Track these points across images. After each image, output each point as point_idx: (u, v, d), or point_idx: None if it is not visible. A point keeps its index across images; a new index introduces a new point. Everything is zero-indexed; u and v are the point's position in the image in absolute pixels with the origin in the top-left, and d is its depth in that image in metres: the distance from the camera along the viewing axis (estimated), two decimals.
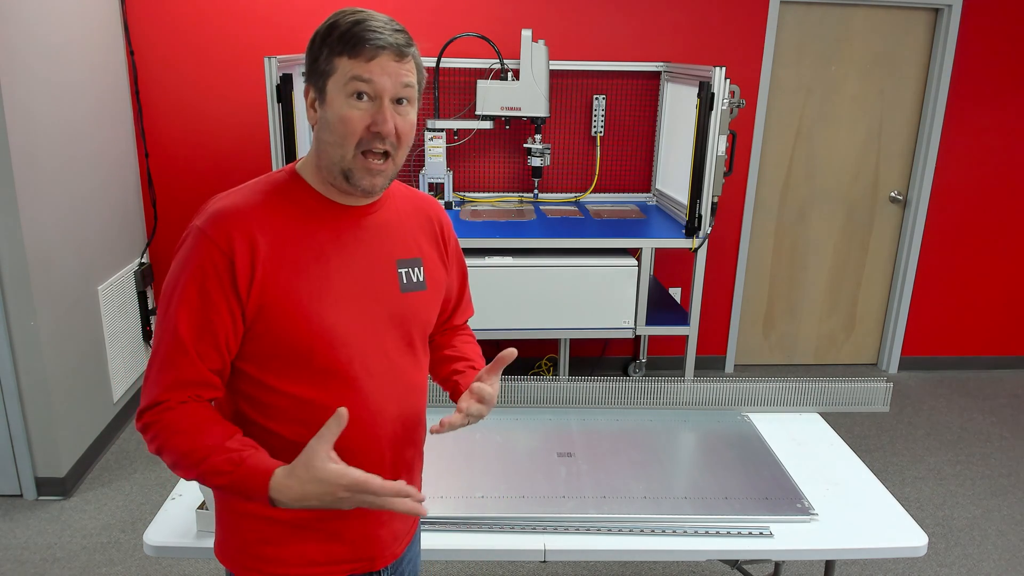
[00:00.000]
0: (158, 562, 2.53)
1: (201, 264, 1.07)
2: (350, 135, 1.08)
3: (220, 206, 1.11)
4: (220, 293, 1.07)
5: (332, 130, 1.09)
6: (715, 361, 4.20)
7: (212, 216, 1.09)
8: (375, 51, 1.06)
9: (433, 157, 3.44)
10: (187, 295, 1.08)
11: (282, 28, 3.45)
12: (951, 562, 2.67)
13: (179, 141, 3.57)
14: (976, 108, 3.87)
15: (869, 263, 4.16)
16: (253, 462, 1.04)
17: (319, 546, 1.19)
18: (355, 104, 1.08)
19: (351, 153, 1.09)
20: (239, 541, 1.21)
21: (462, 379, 1.32)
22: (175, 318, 1.08)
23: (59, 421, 2.83)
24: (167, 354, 1.08)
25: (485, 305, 3.04)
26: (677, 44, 3.66)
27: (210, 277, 1.07)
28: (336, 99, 1.08)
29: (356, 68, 1.07)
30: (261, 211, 1.11)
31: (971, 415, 3.77)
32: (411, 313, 1.22)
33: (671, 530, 1.61)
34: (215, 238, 1.07)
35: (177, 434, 1.07)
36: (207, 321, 1.08)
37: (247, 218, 1.10)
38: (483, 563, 2.58)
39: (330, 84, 1.08)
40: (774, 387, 2.13)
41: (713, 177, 3.01)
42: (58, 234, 2.83)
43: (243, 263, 1.07)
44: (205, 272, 1.07)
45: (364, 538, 1.23)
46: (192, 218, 1.13)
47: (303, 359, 1.12)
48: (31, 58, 2.65)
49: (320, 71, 1.09)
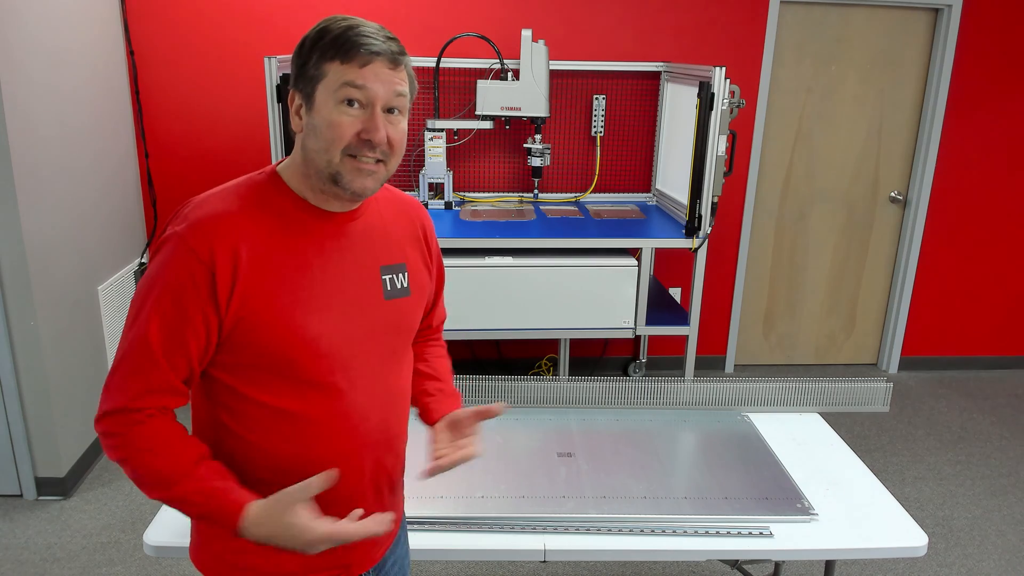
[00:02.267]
0: (158, 562, 2.53)
1: (178, 274, 1.04)
2: (338, 140, 1.05)
3: (201, 213, 1.06)
4: (196, 305, 1.04)
5: (320, 136, 1.06)
6: (715, 361, 4.20)
7: (193, 224, 1.05)
8: (369, 57, 1.04)
9: (433, 157, 3.44)
10: (161, 305, 1.04)
11: (282, 28, 3.45)
12: (951, 562, 2.67)
13: (179, 141, 3.57)
14: (976, 108, 3.87)
15: (869, 263, 4.16)
16: (225, 497, 1.04)
17: (294, 556, 1.13)
18: (345, 110, 1.05)
19: (338, 158, 1.06)
20: (215, 549, 1.19)
21: (432, 403, 1.33)
22: (146, 326, 1.04)
23: (59, 421, 2.83)
24: (136, 361, 1.05)
25: (485, 305, 3.04)
26: (677, 44, 3.66)
27: (187, 288, 1.03)
28: (325, 105, 1.05)
29: (348, 74, 1.04)
30: (242, 218, 1.07)
31: (971, 415, 3.77)
32: (395, 320, 1.20)
33: (671, 530, 1.61)
34: (195, 248, 1.03)
35: (145, 452, 1.05)
36: (180, 332, 1.04)
37: (229, 226, 1.06)
38: (483, 563, 2.58)
39: (319, 89, 1.05)
40: (774, 387, 2.13)
41: (713, 177, 3.01)
42: (58, 234, 2.83)
43: (223, 274, 1.04)
44: (182, 282, 1.03)
45: (340, 547, 1.17)
46: (173, 220, 1.09)
47: (284, 370, 1.10)
48: (31, 59, 2.65)
49: (308, 76, 1.06)
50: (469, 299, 3.01)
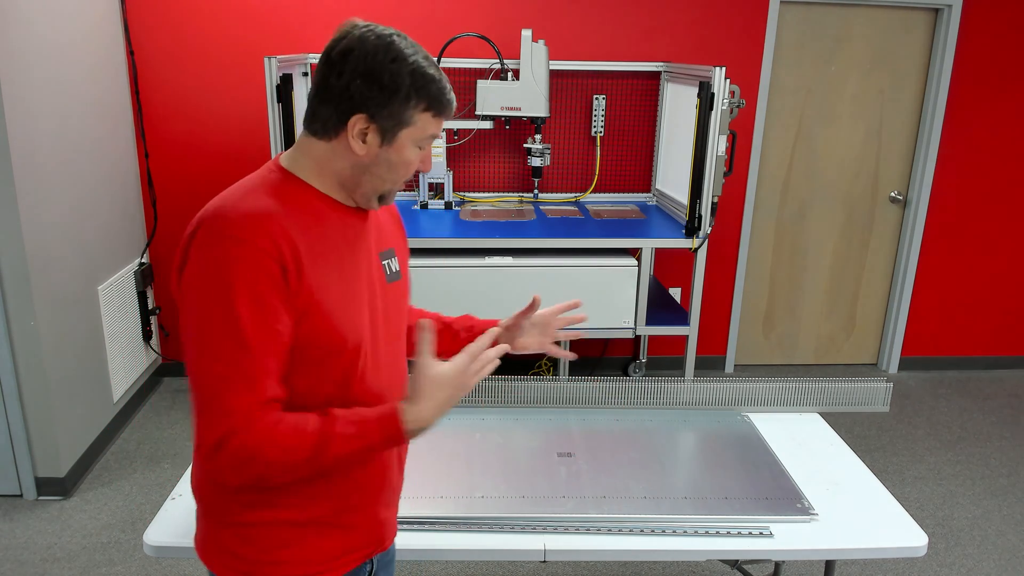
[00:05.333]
0: (158, 562, 2.53)
1: (251, 272, 1.01)
2: (406, 175, 1.15)
3: (245, 210, 1.04)
4: (278, 298, 1.03)
5: (392, 170, 1.13)
6: (715, 361, 4.20)
7: (243, 220, 1.03)
8: (451, 114, 1.14)
9: (433, 157, 3.44)
10: (247, 307, 1.01)
11: (282, 28, 3.44)
12: (951, 562, 2.67)
13: (179, 141, 3.57)
14: (976, 108, 3.87)
15: (869, 263, 4.16)
16: (370, 415, 1.08)
17: (336, 541, 1.20)
18: (418, 152, 1.14)
19: (398, 187, 1.16)
20: (253, 551, 1.17)
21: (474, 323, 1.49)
22: (239, 335, 1.00)
23: (59, 421, 2.83)
24: (241, 377, 1.01)
25: (485, 305, 3.04)
26: (677, 44, 3.66)
27: (263, 283, 1.01)
28: (406, 147, 1.12)
29: (437, 127, 1.13)
30: (283, 213, 1.07)
31: (971, 415, 3.77)
32: (396, 303, 1.26)
33: (671, 530, 1.61)
34: (258, 242, 1.02)
35: (273, 443, 1.02)
36: (273, 329, 1.03)
37: (277, 221, 1.05)
38: (483, 563, 2.58)
39: (405, 133, 1.10)
40: (774, 387, 2.13)
41: (713, 177, 3.01)
42: (58, 234, 2.83)
43: (290, 267, 1.04)
44: (259, 279, 1.01)
45: (375, 523, 1.25)
46: (189, 224, 1.06)
47: (326, 360, 1.11)
48: (31, 58, 2.65)
49: (397, 116, 1.08)
50: (469, 299, 3.01)
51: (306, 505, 1.16)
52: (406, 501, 1.64)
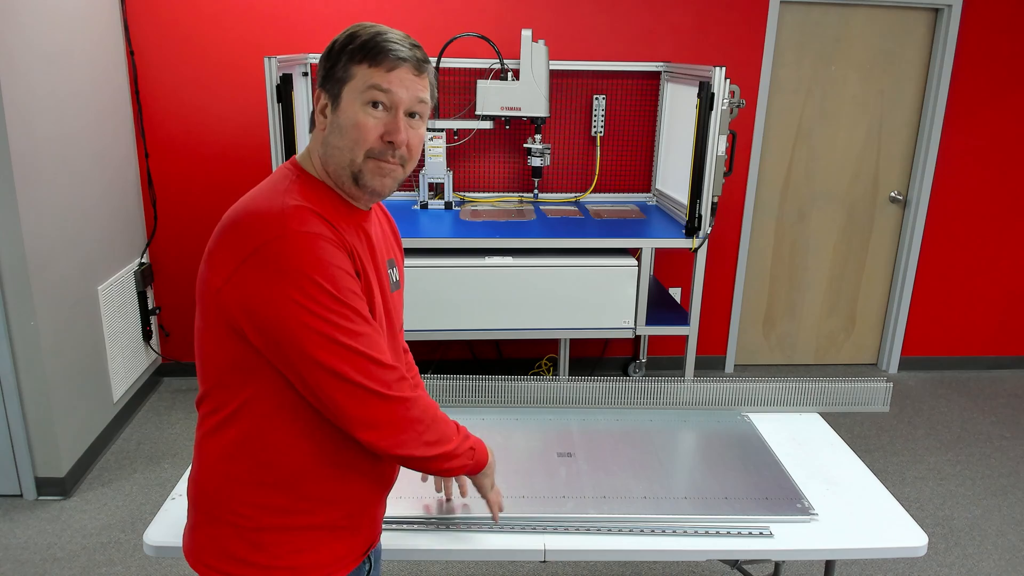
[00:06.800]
0: (158, 562, 2.53)
1: (327, 261, 1.03)
2: (362, 141, 1.09)
3: (294, 205, 1.05)
4: (356, 283, 1.09)
5: (344, 134, 1.09)
6: (715, 361, 4.20)
7: (297, 215, 1.03)
8: (395, 62, 1.08)
9: (433, 157, 3.44)
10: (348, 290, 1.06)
11: (282, 28, 3.44)
12: (951, 562, 2.67)
13: (179, 141, 3.57)
14: (976, 108, 3.87)
15: (869, 263, 4.16)
16: (479, 446, 1.33)
17: (345, 542, 1.22)
18: (370, 112, 1.09)
19: (360, 158, 1.10)
20: (265, 558, 1.16)
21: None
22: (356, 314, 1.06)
23: (59, 421, 2.83)
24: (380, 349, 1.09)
25: (485, 305, 3.04)
26: (677, 44, 3.66)
27: (340, 268, 1.05)
28: (351, 105, 1.08)
29: (375, 77, 1.08)
30: (323, 212, 1.08)
31: (971, 415, 3.77)
32: (398, 311, 1.28)
33: (671, 530, 1.61)
34: (323, 233, 1.04)
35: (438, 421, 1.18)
36: (365, 304, 1.10)
37: (324, 218, 1.07)
38: (483, 563, 2.58)
39: (346, 90, 1.08)
40: (774, 387, 2.13)
41: (713, 177, 3.01)
42: (58, 234, 2.83)
43: (355, 257, 1.10)
44: (336, 264, 1.04)
45: (372, 522, 1.27)
46: (225, 228, 1.05)
47: None
48: (31, 59, 2.65)
49: (336, 77, 1.09)
50: (469, 299, 3.01)
51: (322, 509, 1.17)
52: (406, 501, 1.64)
